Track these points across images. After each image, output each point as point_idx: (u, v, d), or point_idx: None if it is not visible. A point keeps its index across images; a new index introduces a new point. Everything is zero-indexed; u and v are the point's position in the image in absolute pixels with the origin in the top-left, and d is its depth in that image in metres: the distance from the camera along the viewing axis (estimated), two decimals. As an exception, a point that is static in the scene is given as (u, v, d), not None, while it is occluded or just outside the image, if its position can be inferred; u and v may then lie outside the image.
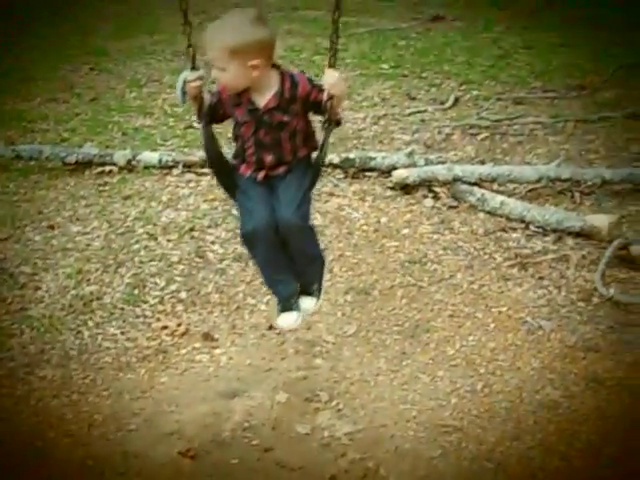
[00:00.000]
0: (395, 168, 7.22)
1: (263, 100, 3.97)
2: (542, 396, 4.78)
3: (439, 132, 8.46)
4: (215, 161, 4.22)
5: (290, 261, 4.22)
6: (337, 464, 4.31)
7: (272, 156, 4.06)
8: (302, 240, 4.13)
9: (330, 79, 3.90)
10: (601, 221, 6.38)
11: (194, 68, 3.97)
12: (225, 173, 4.24)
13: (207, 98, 4.04)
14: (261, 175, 4.09)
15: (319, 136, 4.13)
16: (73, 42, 11.79)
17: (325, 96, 3.92)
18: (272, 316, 5.35)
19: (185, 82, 3.93)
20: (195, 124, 4.45)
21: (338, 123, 4.09)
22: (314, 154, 4.19)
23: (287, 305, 4.28)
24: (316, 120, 4.04)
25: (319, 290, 4.34)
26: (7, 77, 10.06)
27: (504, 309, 5.61)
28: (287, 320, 4.29)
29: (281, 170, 4.09)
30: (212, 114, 4.07)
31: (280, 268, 4.22)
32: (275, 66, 4.00)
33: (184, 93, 3.97)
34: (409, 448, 4.40)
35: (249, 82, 3.91)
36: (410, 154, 7.42)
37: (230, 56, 3.80)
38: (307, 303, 4.33)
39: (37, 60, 10.80)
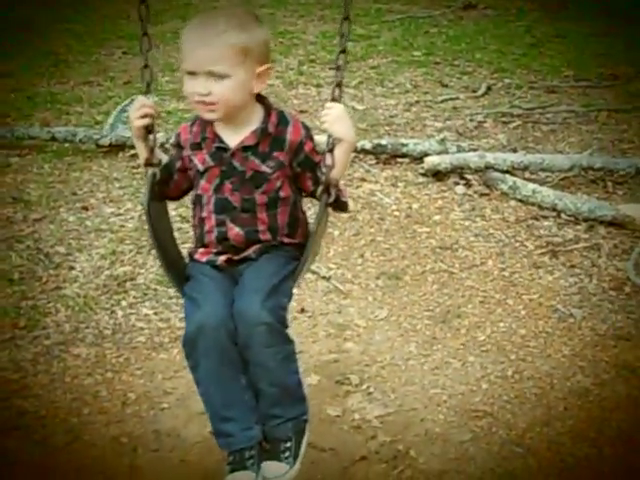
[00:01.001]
0: (427, 155, 7.23)
1: (236, 137, 3.03)
2: (572, 383, 4.78)
3: (471, 120, 8.47)
4: (161, 242, 3.18)
5: (252, 393, 3.06)
6: (367, 446, 4.33)
7: (239, 229, 3.05)
8: (271, 353, 2.94)
9: (331, 114, 3.00)
10: (634, 210, 6.36)
11: (147, 96, 3.11)
12: (175, 263, 3.25)
13: (162, 156, 3.23)
14: (222, 259, 3.10)
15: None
16: (107, 27, 11.88)
17: (321, 157, 3.02)
18: (303, 297, 5.48)
19: (127, 110, 3.06)
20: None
21: (340, 204, 3.04)
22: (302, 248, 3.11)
23: (239, 461, 3.04)
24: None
25: (294, 454, 3.11)
26: (42, 61, 10.15)
27: (535, 296, 5.61)
28: None
29: (251, 251, 3.08)
30: (166, 176, 3.19)
31: (234, 399, 3.05)
32: (260, 97, 3.08)
33: (123, 124, 3.21)
34: (439, 432, 4.42)
35: (248, 99, 2.99)
36: (442, 141, 7.43)
37: (240, 58, 2.89)
38: (272, 471, 3.05)
39: (71, 44, 10.91)
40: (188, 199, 3.39)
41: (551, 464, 4.18)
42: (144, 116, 3.05)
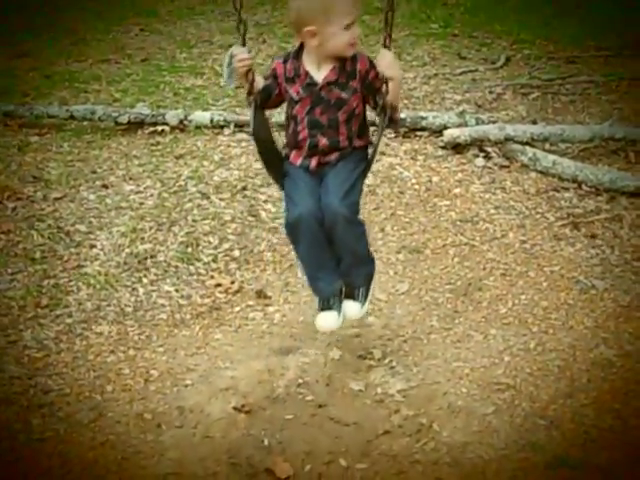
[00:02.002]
0: (446, 127, 7.19)
1: (321, 74, 3.89)
2: (595, 355, 4.77)
3: (490, 92, 8.40)
4: (265, 147, 4.11)
5: (335, 260, 4.13)
6: (390, 420, 4.34)
7: (326, 140, 3.95)
8: (348, 233, 3.99)
9: (383, 61, 3.82)
10: (656, 180, 6.33)
11: (244, 44, 3.89)
12: (274, 161, 4.14)
13: (259, 80, 3.96)
14: (313, 163, 4.00)
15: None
16: (124, 4, 11.83)
17: (380, 81, 3.84)
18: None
19: (232, 58, 3.84)
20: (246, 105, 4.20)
21: (393, 120, 3.96)
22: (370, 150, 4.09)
23: (327, 304, 4.19)
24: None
25: (365, 296, 4.23)
26: (60, 39, 10.15)
27: (556, 268, 5.59)
28: (326, 321, 4.22)
29: (333, 157, 3.98)
30: (265, 97, 3.99)
31: (323, 264, 4.12)
32: None
33: (231, 73, 3.90)
34: (462, 405, 4.41)
35: None
36: (461, 113, 7.40)
37: (358, 8, 3.82)
38: (350, 308, 4.24)
39: (88, 22, 10.88)
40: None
41: (575, 436, 4.17)
42: (245, 65, 3.86)
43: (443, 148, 7.09)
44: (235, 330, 5.08)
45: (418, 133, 7.34)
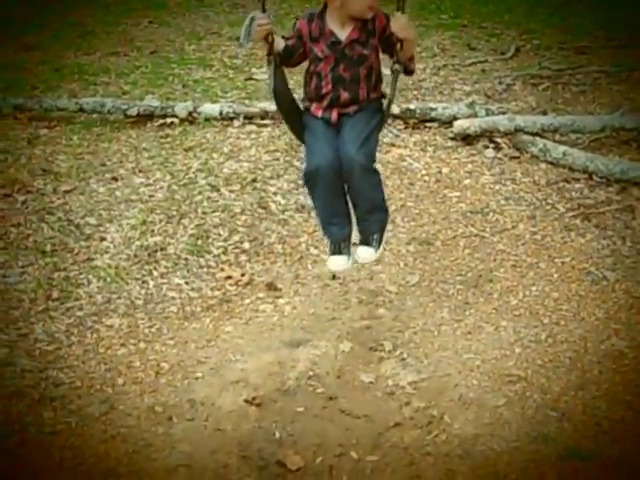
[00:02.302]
0: (456, 118, 7.19)
1: (345, 33, 4.05)
2: (607, 346, 4.76)
3: (500, 82, 8.38)
4: (285, 102, 4.26)
5: (348, 207, 4.30)
6: (401, 412, 4.34)
7: (348, 93, 4.10)
8: (364, 181, 4.14)
9: (397, 23, 3.95)
10: (668, 171, 6.31)
11: (264, 11, 4.01)
12: (294, 115, 4.30)
13: (280, 41, 4.09)
14: (334, 114, 4.14)
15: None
16: (132, -4, 11.83)
17: (394, 39, 3.98)
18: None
19: (252, 21, 3.97)
20: (263, 68, 4.41)
21: (408, 71, 4.15)
22: (384, 101, 4.25)
23: (338, 248, 4.35)
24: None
25: (379, 242, 4.35)
26: (69, 32, 10.14)
27: (567, 259, 5.58)
28: (336, 263, 4.39)
29: (351, 109, 4.13)
30: (287, 56, 4.13)
31: (337, 211, 4.29)
32: None
33: (249, 34, 4.02)
34: (473, 397, 4.41)
35: None
36: (471, 104, 7.38)
37: None
38: (365, 253, 4.38)
39: (97, 15, 10.87)
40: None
41: (586, 428, 4.17)
42: (265, 29, 4.00)
43: (453, 139, 7.07)
44: (245, 322, 5.08)
45: (428, 124, 7.32)
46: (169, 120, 7.38)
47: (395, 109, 7.20)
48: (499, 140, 7.01)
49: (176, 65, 8.96)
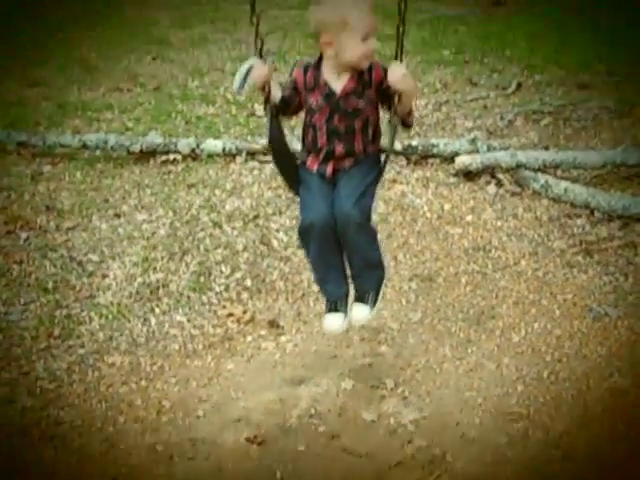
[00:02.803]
0: (458, 154, 7.20)
1: (340, 84, 3.95)
2: (610, 384, 4.74)
3: (502, 118, 8.41)
4: (281, 155, 4.16)
5: (344, 263, 4.20)
6: (403, 451, 4.32)
7: (342, 146, 4.01)
8: (359, 238, 4.03)
9: (395, 74, 3.84)
10: (669, 207, 6.31)
11: (261, 57, 3.92)
12: (290, 167, 4.20)
13: (277, 91, 4.00)
14: (330, 168, 4.06)
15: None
16: (136, 32, 11.91)
17: (392, 91, 3.88)
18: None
19: (250, 69, 3.89)
20: (262, 113, 4.36)
21: (406, 124, 4.04)
22: (382, 156, 4.16)
23: (334, 307, 4.23)
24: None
25: (374, 300, 4.24)
26: (72, 69, 10.20)
27: (569, 296, 5.57)
28: (332, 322, 4.25)
29: (347, 163, 4.05)
30: (283, 106, 4.04)
31: (333, 268, 4.19)
32: None
33: (245, 81, 3.94)
34: (475, 435, 4.39)
35: None
36: (473, 140, 7.39)
37: (374, 23, 3.84)
38: (359, 311, 4.25)
39: (101, 51, 10.94)
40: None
41: (590, 467, 4.14)
42: (263, 77, 3.92)
43: (455, 175, 7.09)
44: (247, 360, 5.07)
45: (429, 160, 7.35)
46: (172, 156, 7.42)
47: (397, 145, 7.21)
48: (501, 176, 7.03)
49: (179, 101, 9.01)
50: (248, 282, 5.75)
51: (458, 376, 4.87)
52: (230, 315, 5.44)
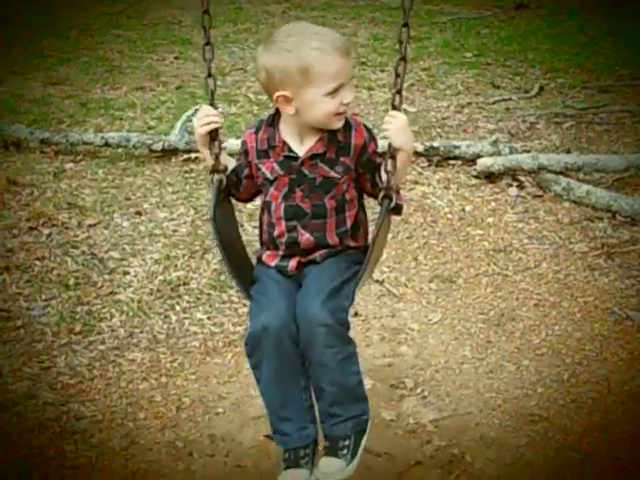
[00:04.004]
0: (479, 156, 7.20)
1: (304, 146, 3.05)
2: (631, 387, 4.72)
3: (524, 121, 8.41)
4: (228, 247, 3.19)
5: (310, 393, 3.13)
6: (422, 451, 4.31)
7: (309, 235, 3.09)
8: (329, 353, 2.97)
9: (393, 125, 2.99)
10: (691, 211, 6.28)
11: (212, 105, 3.22)
12: (241, 266, 3.29)
13: (227, 157, 3.28)
14: (292, 264, 3.13)
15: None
16: (159, 32, 11.96)
17: (381, 159, 3.04)
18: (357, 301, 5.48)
19: (192, 119, 3.09)
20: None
21: (397, 209, 3.04)
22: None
23: (293, 458, 3.08)
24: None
25: (352, 452, 3.11)
26: (95, 67, 10.25)
27: (590, 299, 5.56)
28: None
29: (318, 255, 3.12)
30: (234, 181, 3.21)
31: (292, 399, 3.09)
32: None
33: (184, 128, 3.26)
34: (495, 436, 4.38)
35: None
36: (494, 142, 7.38)
37: (348, 68, 3.03)
38: (330, 466, 3.06)
39: (124, 50, 10.99)
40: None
41: (610, 471, 4.12)
42: (208, 124, 3.12)
43: (476, 177, 7.09)
44: (267, 358, 5.07)
45: (451, 162, 7.35)
46: (193, 155, 7.42)
47: (419, 147, 7.22)
48: (522, 178, 7.02)
49: (201, 100, 8.99)
50: (268, 281, 5.74)
51: (478, 377, 4.86)
52: (250, 313, 5.44)
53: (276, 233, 3.11)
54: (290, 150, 3.04)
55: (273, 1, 13.56)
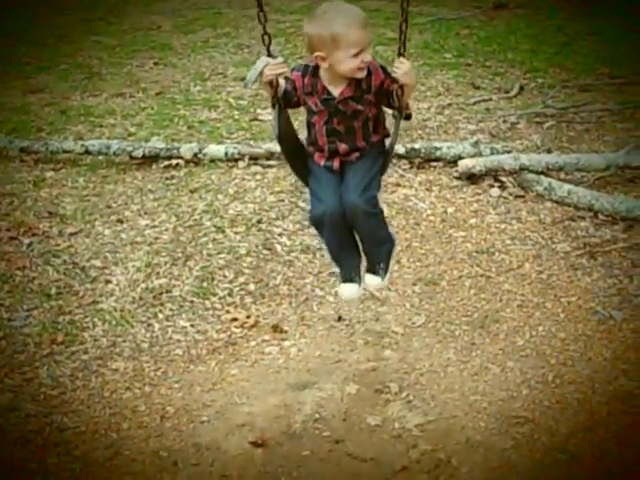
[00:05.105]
0: (461, 158, 7.19)
1: (338, 89, 4.02)
2: (615, 387, 4.73)
3: (504, 121, 8.40)
4: (290, 147, 4.27)
5: (356, 240, 4.33)
6: (408, 455, 4.31)
7: (345, 144, 4.12)
8: (368, 224, 4.18)
9: (402, 68, 3.91)
10: (673, 209, 6.30)
11: (270, 55, 3.98)
12: (299, 158, 4.30)
13: (282, 83, 4.07)
14: (336, 163, 4.17)
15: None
16: (138, 38, 11.89)
17: (395, 85, 3.93)
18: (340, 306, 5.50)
19: (265, 66, 3.93)
20: (264, 117, 4.32)
21: (408, 117, 4.08)
22: (386, 140, 4.23)
23: (348, 277, 4.37)
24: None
25: (385, 270, 4.38)
26: (74, 74, 10.18)
27: (574, 299, 5.56)
28: (347, 291, 4.40)
29: (354, 156, 4.15)
30: (287, 100, 4.11)
31: (345, 247, 4.33)
32: None
33: (259, 76, 4.09)
34: (480, 439, 4.38)
35: None
36: (475, 143, 7.38)
37: (366, 38, 3.89)
38: (371, 280, 4.39)
39: (103, 57, 10.92)
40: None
41: (597, 471, 4.13)
42: (277, 71, 3.97)
43: (458, 178, 7.08)
44: (251, 365, 5.06)
45: (433, 164, 7.33)
46: (174, 162, 7.40)
47: (400, 149, 7.21)
48: (504, 179, 7.02)
49: (181, 106, 9.00)
50: (251, 287, 5.74)
51: (463, 380, 4.86)
52: (234, 320, 5.42)
53: (320, 143, 4.15)
54: (328, 93, 4.03)
55: (252, 5, 13.42)
